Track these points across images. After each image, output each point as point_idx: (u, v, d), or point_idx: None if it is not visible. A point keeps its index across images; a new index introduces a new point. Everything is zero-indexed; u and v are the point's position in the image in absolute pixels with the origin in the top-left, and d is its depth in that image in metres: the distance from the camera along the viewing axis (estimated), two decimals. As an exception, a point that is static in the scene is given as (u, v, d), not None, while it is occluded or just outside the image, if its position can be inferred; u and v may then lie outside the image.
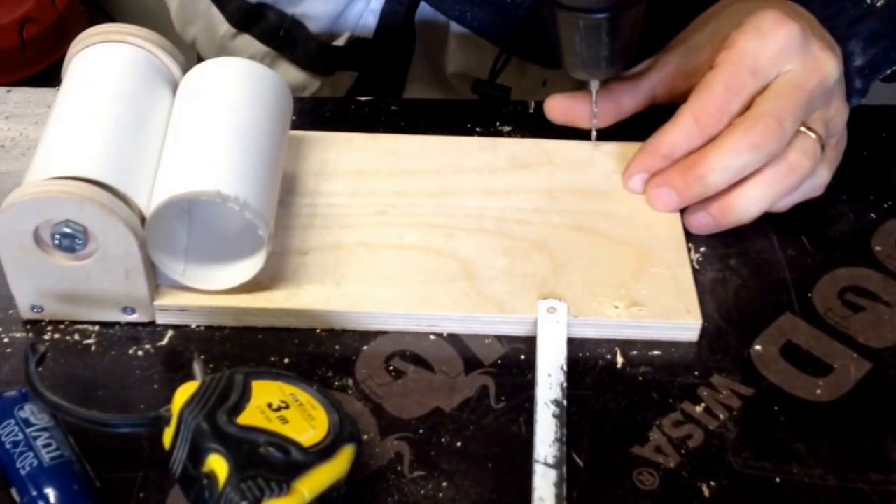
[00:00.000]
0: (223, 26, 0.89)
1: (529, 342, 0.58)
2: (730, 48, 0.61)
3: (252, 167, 0.57)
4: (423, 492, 0.51)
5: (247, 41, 0.88)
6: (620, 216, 0.63)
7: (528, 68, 0.85)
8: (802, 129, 0.61)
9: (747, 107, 0.61)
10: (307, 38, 0.86)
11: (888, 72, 0.65)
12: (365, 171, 0.65)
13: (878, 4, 0.63)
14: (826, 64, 0.61)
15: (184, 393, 0.49)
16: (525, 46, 0.81)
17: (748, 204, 0.61)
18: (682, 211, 0.63)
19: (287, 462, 0.46)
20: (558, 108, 0.68)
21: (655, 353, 0.58)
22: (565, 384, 0.55)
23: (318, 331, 0.58)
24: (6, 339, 0.58)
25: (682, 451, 0.53)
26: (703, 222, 0.62)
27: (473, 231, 0.62)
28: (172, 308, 0.58)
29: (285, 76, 0.87)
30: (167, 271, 0.57)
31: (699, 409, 0.55)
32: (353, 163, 0.66)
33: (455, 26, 0.84)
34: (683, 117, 0.61)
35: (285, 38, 0.86)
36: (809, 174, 0.61)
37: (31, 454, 0.49)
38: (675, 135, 0.62)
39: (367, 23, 0.85)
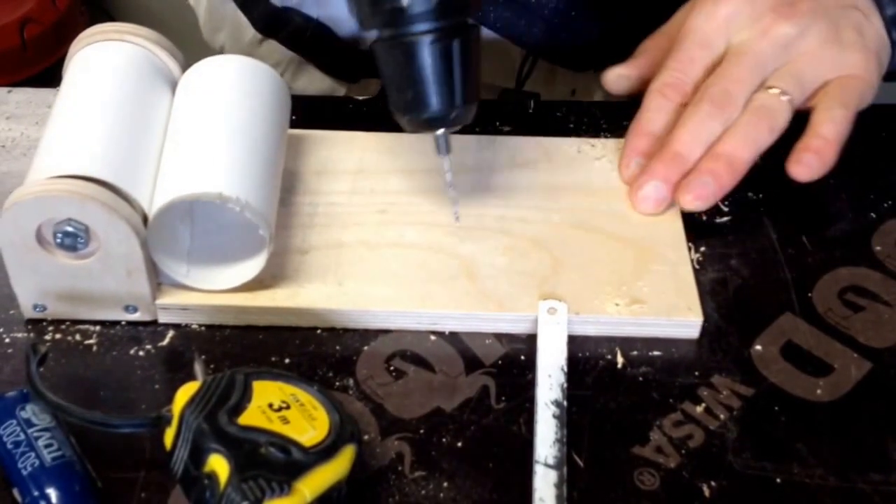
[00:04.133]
0: (249, 32, 0.88)
1: (530, 342, 0.58)
2: (684, 25, 0.65)
3: (252, 167, 0.57)
4: (423, 492, 0.51)
5: (273, 46, 0.87)
6: (620, 213, 0.63)
7: (558, 76, 0.84)
8: (764, 90, 0.63)
9: (709, 74, 0.64)
10: (334, 43, 0.85)
11: None
12: (365, 169, 0.66)
13: None
14: (778, 26, 0.63)
15: (185, 393, 0.49)
16: (551, 48, 0.81)
17: (733, 149, 0.62)
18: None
19: (288, 462, 0.47)
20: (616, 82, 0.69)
21: (656, 353, 0.58)
22: (565, 384, 0.55)
23: (318, 331, 0.58)
24: (7, 340, 0.58)
25: (683, 452, 0.53)
26: (703, 190, 0.62)
27: (474, 229, 0.62)
28: (174, 307, 0.58)
29: (311, 82, 0.86)
30: (171, 273, 0.57)
31: (699, 409, 0.55)
32: (353, 162, 0.66)
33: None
34: (650, 94, 0.65)
35: (312, 44, 0.85)
36: (779, 118, 0.63)
37: (33, 454, 0.49)
38: (648, 111, 0.65)
39: None
